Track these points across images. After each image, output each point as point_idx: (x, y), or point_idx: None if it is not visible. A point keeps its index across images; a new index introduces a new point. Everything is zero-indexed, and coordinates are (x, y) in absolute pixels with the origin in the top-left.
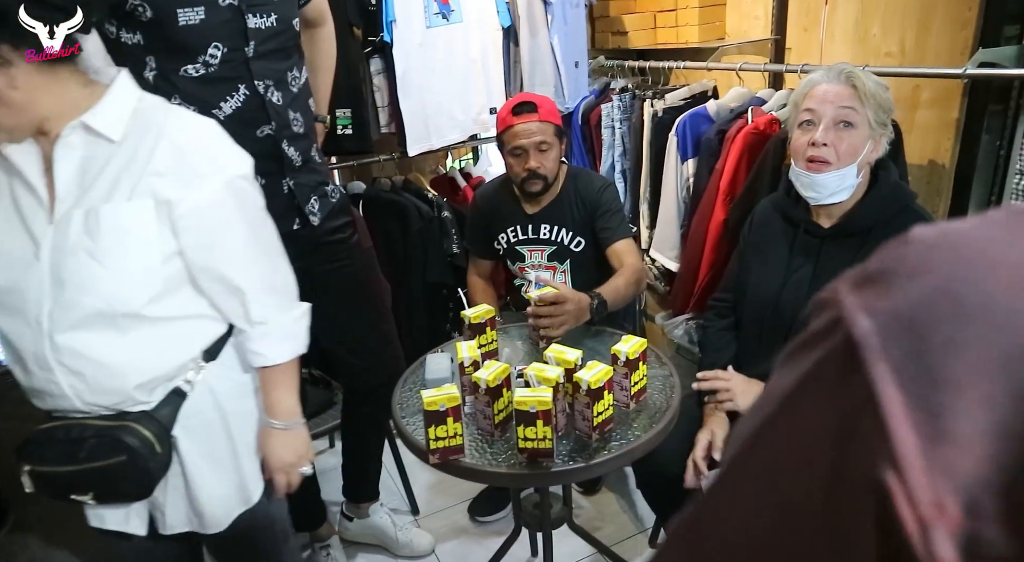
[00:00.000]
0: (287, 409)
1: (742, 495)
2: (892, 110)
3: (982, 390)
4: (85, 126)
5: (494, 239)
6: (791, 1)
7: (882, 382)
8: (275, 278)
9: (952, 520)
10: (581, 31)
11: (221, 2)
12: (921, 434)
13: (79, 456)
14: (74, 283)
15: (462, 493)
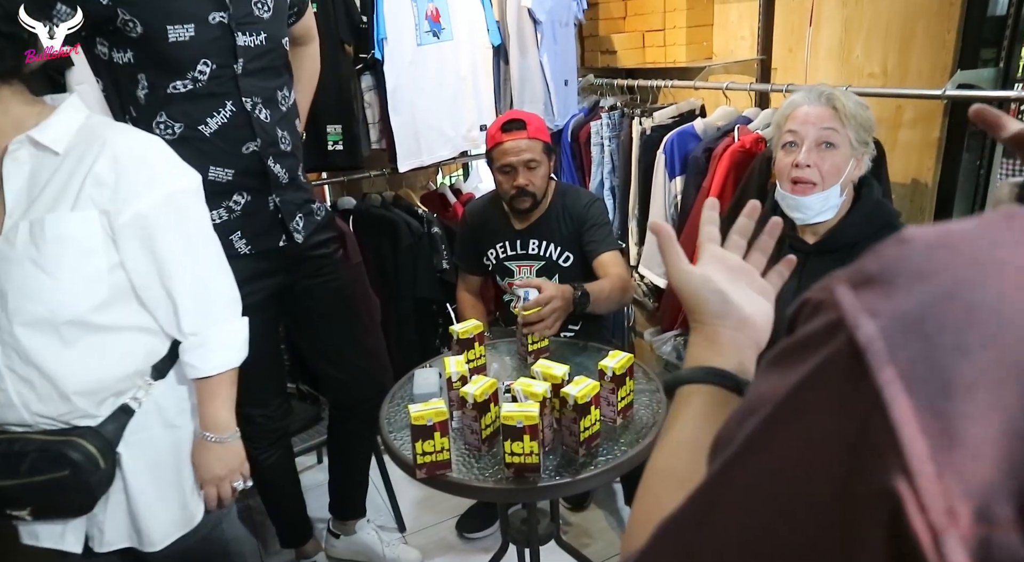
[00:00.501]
0: (221, 422)
1: (738, 501)
2: (873, 129)
3: (993, 394)
4: (32, 140)
5: (483, 255)
6: (776, 22)
7: (890, 388)
8: (210, 291)
9: (964, 527)
10: (571, 50)
11: (211, 19)
12: (932, 440)
13: (20, 469)
14: (18, 291)
15: (450, 509)
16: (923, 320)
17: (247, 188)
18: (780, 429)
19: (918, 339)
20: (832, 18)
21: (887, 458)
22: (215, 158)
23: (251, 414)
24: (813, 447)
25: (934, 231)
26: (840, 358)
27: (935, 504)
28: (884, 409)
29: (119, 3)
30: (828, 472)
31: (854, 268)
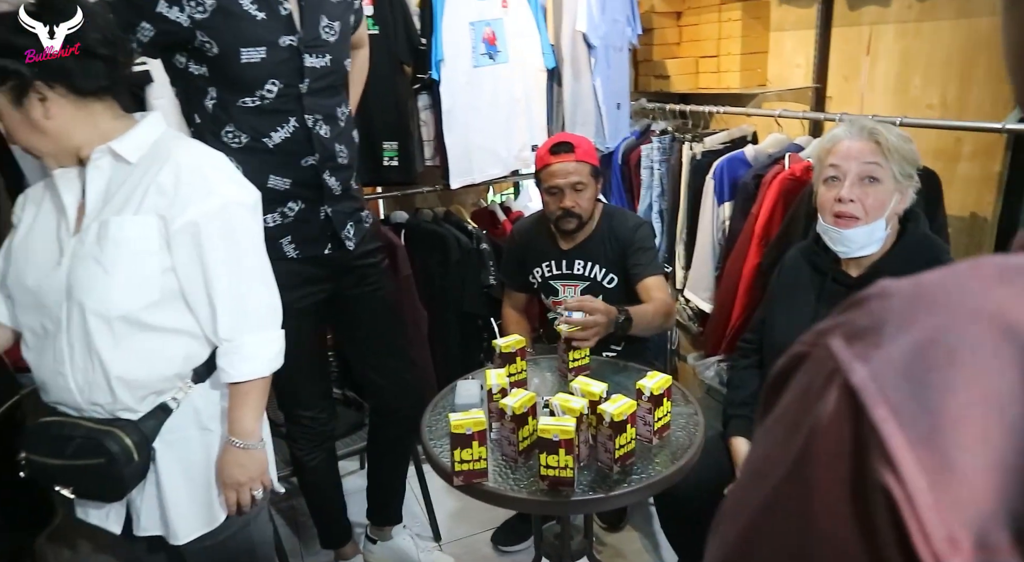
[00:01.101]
0: (246, 429)
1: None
2: (917, 162)
3: (980, 427)
4: (111, 151)
5: (529, 273)
6: (832, 51)
7: (885, 425)
8: (247, 300)
9: (965, 554)
10: (624, 74)
11: (281, 43)
12: (928, 472)
13: (65, 452)
14: (81, 286)
15: (485, 522)
16: (910, 364)
17: (302, 197)
18: (793, 486)
19: (907, 381)
20: (890, 49)
21: (889, 489)
22: (276, 168)
23: (298, 416)
24: (827, 496)
25: (911, 284)
26: (840, 403)
27: (936, 533)
28: (882, 444)
29: (198, 26)
30: (844, 517)
31: (844, 321)
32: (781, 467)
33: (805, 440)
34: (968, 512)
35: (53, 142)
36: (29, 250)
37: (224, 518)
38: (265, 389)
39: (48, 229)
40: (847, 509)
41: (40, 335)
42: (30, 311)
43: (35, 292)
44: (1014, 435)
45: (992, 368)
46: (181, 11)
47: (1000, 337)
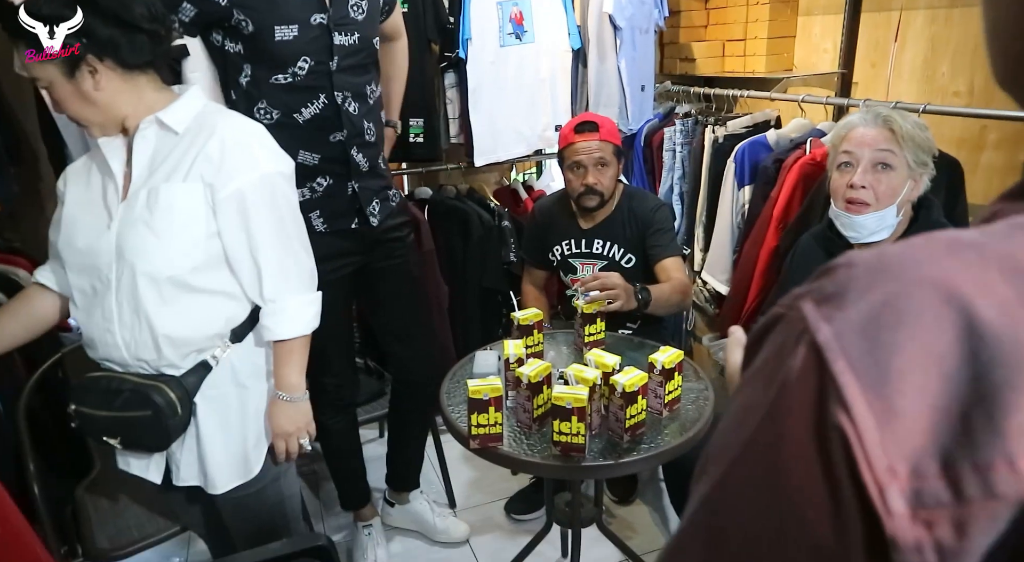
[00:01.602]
0: (292, 384)
1: (743, 492)
2: (933, 149)
3: (918, 378)
4: (159, 121)
5: (549, 250)
6: (860, 37)
7: (842, 375)
8: (290, 264)
9: (902, 481)
10: (649, 56)
11: (312, 21)
12: (875, 414)
13: (114, 404)
14: (131, 249)
15: (499, 491)
16: (866, 325)
17: (331, 173)
18: (769, 429)
19: (863, 339)
20: (919, 35)
21: (843, 430)
22: (305, 143)
23: (323, 382)
24: (797, 436)
25: (873, 255)
26: (807, 358)
27: (880, 464)
28: (839, 392)
29: (235, 4)
30: (809, 453)
31: (815, 287)
32: (758, 413)
33: (778, 389)
34: (906, 447)
35: (102, 112)
36: (79, 216)
37: (259, 470)
38: (306, 347)
39: (96, 196)
40: (811, 446)
41: (89, 295)
42: (81, 272)
43: (86, 253)
44: (947, 385)
45: (932, 329)
46: None
47: (942, 303)
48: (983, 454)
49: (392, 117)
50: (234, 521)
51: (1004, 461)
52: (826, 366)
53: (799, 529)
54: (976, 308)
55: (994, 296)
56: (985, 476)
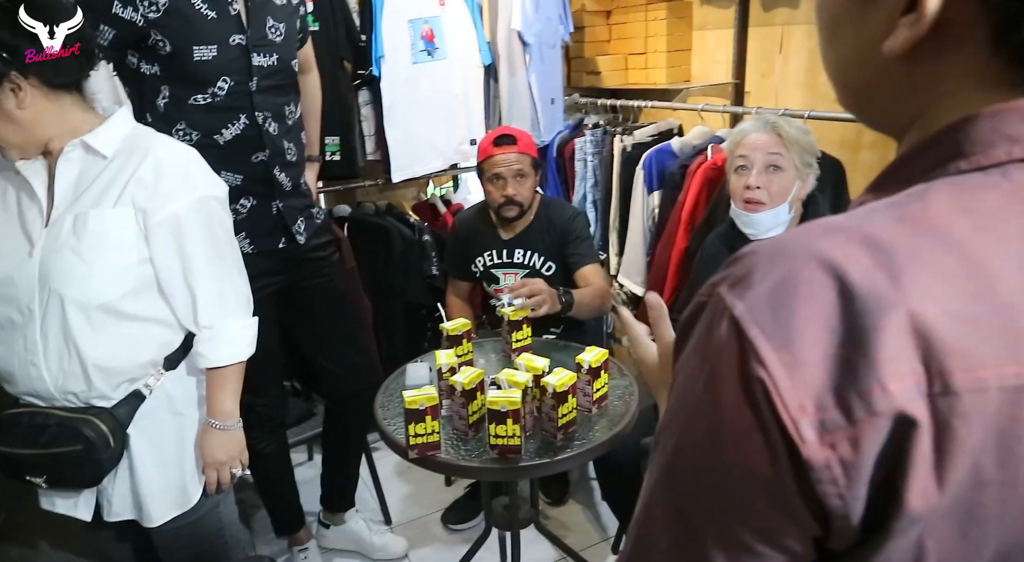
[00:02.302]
0: (226, 411)
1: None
2: (815, 152)
3: (813, 333)
4: (85, 144)
5: (471, 262)
6: (749, 49)
7: (757, 339)
8: (226, 289)
9: (810, 414)
10: (557, 70)
11: (231, 42)
12: (785, 366)
13: (40, 441)
14: (58, 276)
15: (435, 504)
16: (771, 297)
17: (253, 193)
18: (707, 397)
19: (769, 308)
20: (800, 48)
21: (763, 381)
22: (227, 164)
23: (251, 403)
24: (730, 397)
25: (770, 243)
26: (728, 330)
27: (792, 403)
28: (756, 352)
29: (151, 25)
30: (737, 400)
31: (727, 274)
32: (698, 383)
33: (711, 361)
34: (810, 388)
35: (24, 133)
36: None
37: (198, 499)
38: (241, 373)
39: (11, 223)
40: (741, 399)
41: (6, 327)
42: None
43: (3, 283)
44: (833, 335)
45: (818, 294)
46: (135, 11)
47: (823, 273)
48: (863, 383)
49: (312, 152)
50: (171, 554)
51: (878, 385)
52: (744, 333)
53: (743, 468)
54: (846, 274)
55: (858, 264)
56: (867, 399)
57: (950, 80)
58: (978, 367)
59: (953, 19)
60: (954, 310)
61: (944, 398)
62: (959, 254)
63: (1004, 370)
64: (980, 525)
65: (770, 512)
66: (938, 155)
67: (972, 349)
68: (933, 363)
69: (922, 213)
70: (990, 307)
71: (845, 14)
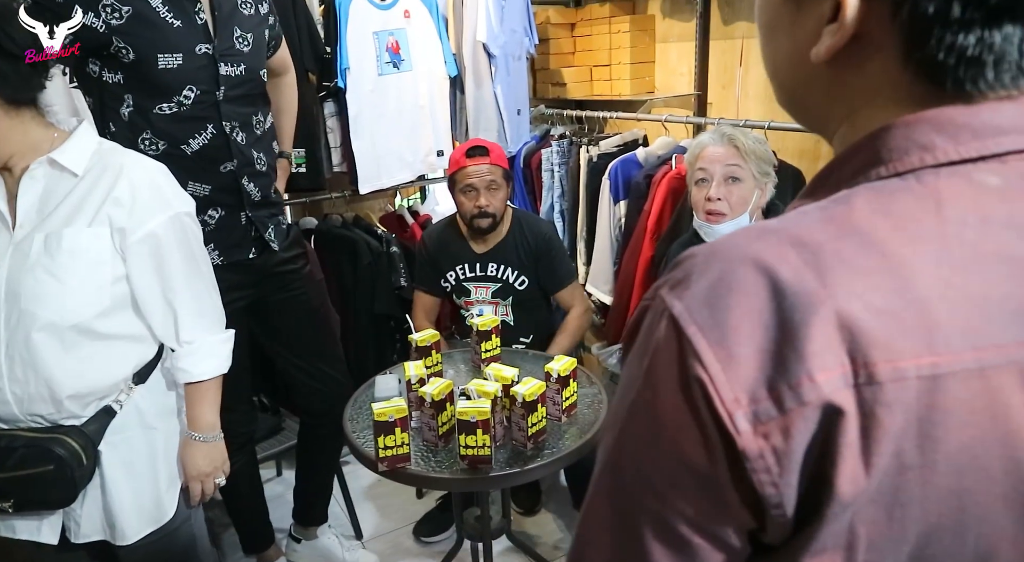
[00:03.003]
0: (208, 423)
1: (638, 447)
2: (772, 161)
3: (747, 329)
4: (51, 161)
5: (442, 277)
6: (711, 61)
7: (695, 337)
8: (205, 304)
9: (744, 406)
10: (523, 82)
11: (197, 50)
12: (720, 361)
13: (7, 464)
14: (30, 296)
15: (406, 517)
16: (707, 296)
17: (222, 204)
18: (645, 390)
19: (706, 307)
20: (759, 60)
21: (700, 377)
22: (195, 174)
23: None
24: (667, 388)
25: (706, 246)
26: (668, 328)
27: (728, 397)
28: (693, 349)
29: (114, 31)
30: (675, 396)
31: (669, 277)
32: (638, 380)
33: (651, 358)
34: (743, 381)
35: None
36: None
37: (173, 513)
38: (220, 385)
39: None
40: (678, 395)
41: None
42: None
43: None
44: (765, 331)
45: (751, 292)
46: (96, 17)
47: (755, 272)
48: (793, 375)
49: (285, 148)
50: None
51: (807, 377)
52: (682, 331)
53: (680, 461)
54: (777, 273)
55: (788, 263)
56: (796, 391)
57: (869, 89)
58: (898, 358)
59: (870, 32)
60: (876, 305)
61: (868, 388)
62: (880, 253)
63: (921, 360)
64: (905, 508)
65: (707, 505)
66: (860, 162)
67: (893, 341)
68: (858, 355)
69: (846, 215)
70: (908, 301)
71: (779, 20)
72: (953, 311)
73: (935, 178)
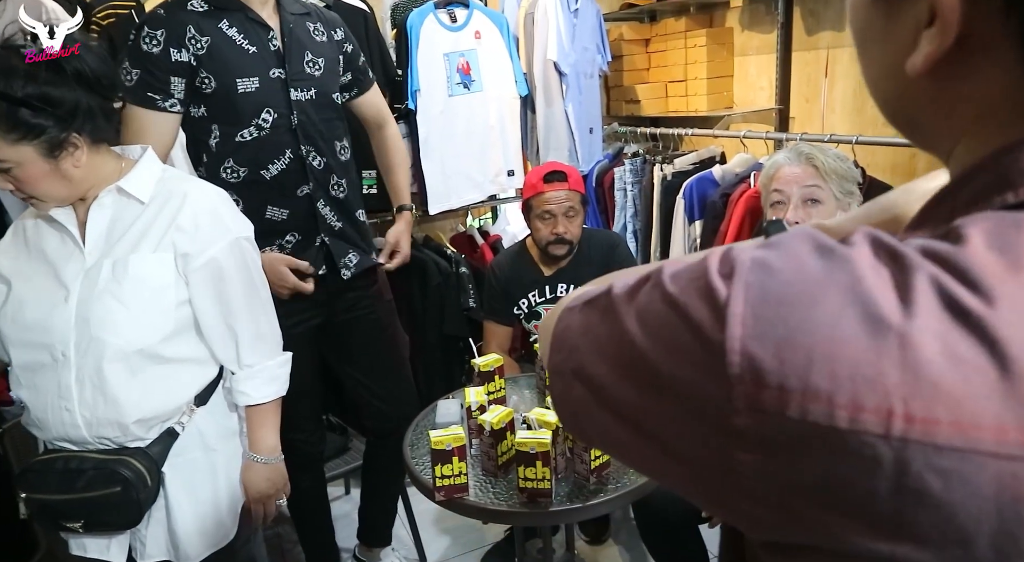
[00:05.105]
0: (269, 446)
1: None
2: (856, 177)
3: (789, 313)
4: (119, 190)
5: (515, 305)
6: (794, 74)
7: (736, 293)
8: (264, 328)
9: (747, 385)
10: (595, 99)
11: (271, 75)
12: (746, 329)
13: (77, 486)
14: (99, 322)
15: (471, 543)
16: (772, 266)
17: (298, 229)
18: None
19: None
20: (847, 72)
21: (721, 333)
22: (274, 199)
23: (292, 439)
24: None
25: (806, 229)
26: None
27: (734, 368)
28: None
29: (200, 62)
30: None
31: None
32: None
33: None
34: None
35: (74, 188)
36: (24, 290)
37: (233, 535)
38: (279, 407)
39: (43, 268)
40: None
41: (37, 372)
42: (26, 348)
43: (34, 329)
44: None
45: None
46: (186, 51)
47: (832, 259)
48: (812, 387)
49: (403, 202)
50: None
51: (826, 398)
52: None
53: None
54: (862, 278)
55: (879, 274)
56: (806, 405)
57: (988, 101)
58: (972, 422)
59: (977, 33)
60: (959, 352)
61: (918, 446)
62: (984, 293)
63: (1007, 436)
64: None
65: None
66: (981, 186)
67: (969, 400)
68: (917, 405)
69: (952, 248)
70: (1007, 359)
71: (871, 30)
72: None
73: None
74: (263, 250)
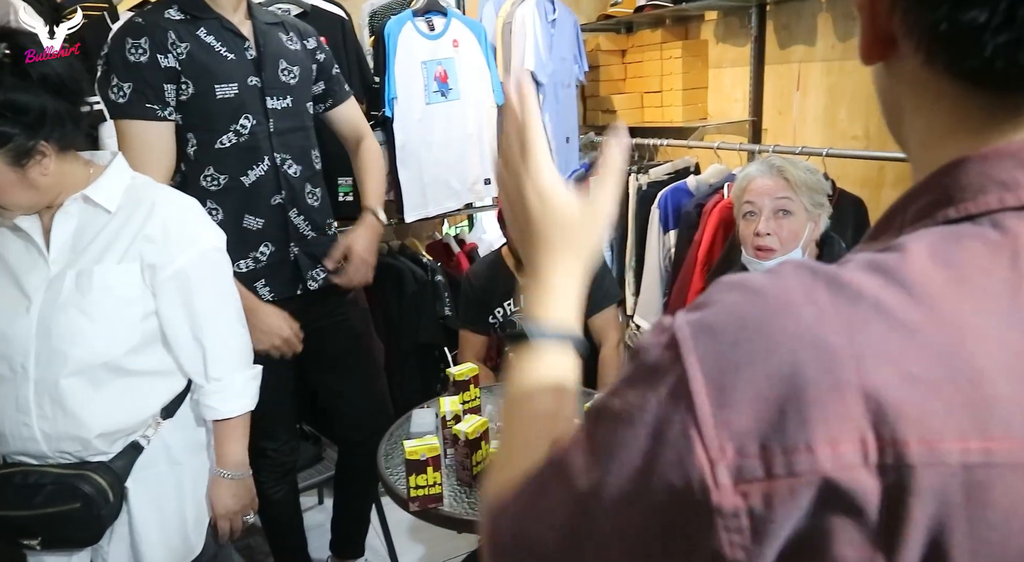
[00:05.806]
0: (236, 461)
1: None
2: (825, 189)
3: (748, 372)
4: (85, 198)
5: (490, 313)
6: (766, 87)
7: (692, 369)
8: (233, 341)
9: (729, 459)
10: (572, 109)
11: (249, 82)
12: (713, 402)
13: (35, 501)
14: (62, 334)
15: (446, 552)
16: (713, 325)
17: (272, 238)
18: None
19: (709, 337)
20: (818, 85)
21: (687, 413)
22: (250, 207)
23: (264, 448)
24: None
25: (734, 277)
26: (667, 351)
27: (712, 444)
28: (687, 382)
29: (182, 66)
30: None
31: (693, 302)
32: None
33: (643, 383)
34: (735, 430)
35: (41, 196)
36: None
37: (200, 550)
38: (248, 422)
39: (5, 277)
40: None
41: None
42: None
43: None
44: (769, 379)
45: (765, 331)
46: (172, 56)
47: (775, 308)
48: (789, 439)
49: (370, 203)
50: None
51: (805, 446)
52: (681, 358)
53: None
54: (800, 314)
55: (815, 305)
56: (789, 458)
57: (936, 114)
58: (937, 438)
59: (897, 36)
60: (913, 371)
61: (895, 470)
62: (928, 309)
63: (968, 444)
64: None
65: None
66: (926, 202)
67: (931, 417)
68: (885, 429)
69: (897, 263)
70: (956, 370)
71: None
72: (1019, 387)
73: (1017, 223)
74: (252, 286)
